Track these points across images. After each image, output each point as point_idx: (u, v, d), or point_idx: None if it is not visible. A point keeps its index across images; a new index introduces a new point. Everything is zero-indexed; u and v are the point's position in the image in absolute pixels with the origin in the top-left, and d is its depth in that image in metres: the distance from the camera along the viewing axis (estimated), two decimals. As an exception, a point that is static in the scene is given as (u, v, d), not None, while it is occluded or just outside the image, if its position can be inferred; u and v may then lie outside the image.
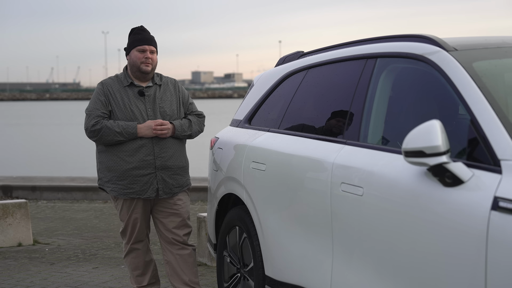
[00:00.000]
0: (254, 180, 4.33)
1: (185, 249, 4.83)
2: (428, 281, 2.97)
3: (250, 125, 4.75)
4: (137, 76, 4.77)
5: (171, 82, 4.88)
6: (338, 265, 3.56)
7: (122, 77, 4.79)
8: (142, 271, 4.89)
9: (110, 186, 4.73)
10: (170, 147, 4.71)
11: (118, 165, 4.65)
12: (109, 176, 4.71)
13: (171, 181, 4.73)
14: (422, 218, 3.00)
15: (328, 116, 4.02)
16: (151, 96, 4.74)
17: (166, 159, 4.68)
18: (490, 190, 2.74)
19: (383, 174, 3.26)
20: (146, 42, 4.75)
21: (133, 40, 4.77)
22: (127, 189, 4.67)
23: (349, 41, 4.21)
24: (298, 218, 3.91)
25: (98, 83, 4.84)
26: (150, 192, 4.68)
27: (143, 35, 4.77)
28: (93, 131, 4.64)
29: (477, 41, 3.55)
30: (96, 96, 4.73)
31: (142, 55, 4.71)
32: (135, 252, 4.88)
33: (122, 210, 4.78)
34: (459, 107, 3.15)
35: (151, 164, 4.65)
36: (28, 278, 5.94)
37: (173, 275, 4.82)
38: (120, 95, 4.71)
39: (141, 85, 4.76)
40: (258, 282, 4.29)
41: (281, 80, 4.62)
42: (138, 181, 4.65)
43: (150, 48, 4.75)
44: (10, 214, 7.25)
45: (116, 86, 4.74)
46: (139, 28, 4.81)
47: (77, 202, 10.58)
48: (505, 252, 2.62)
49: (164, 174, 4.69)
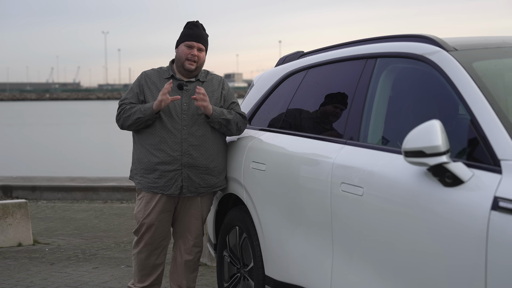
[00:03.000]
0: (254, 180, 4.34)
1: (192, 255, 4.68)
2: (428, 281, 2.97)
3: (250, 125, 4.75)
4: (181, 72, 4.59)
5: (216, 79, 4.69)
6: (338, 265, 3.56)
7: (165, 69, 4.63)
8: (149, 271, 4.68)
9: (138, 179, 4.58)
10: (202, 146, 4.50)
11: (146, 158, 4.50)
12: (138, 168, 4.56)
13: (198, 180, 4.51)
14: (422, 218, 3.00)
15: (328, 116, 4.02)
16: (189, 91, 4.53)
17: (194, 157, 4.47)
18: (490, 190, 2.74)
19: (383, 174, 3.26)
20: (195, 38, 4.55)
21: (183, 34, 4.59)
22: (152, 183, 4.50)
23: (349, 41, 4.21)
24: (298, 218, 3.91)
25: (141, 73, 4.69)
26: (174, 189, 4.48)
27: (194, 31, 4.57)
28: (119, 117, 4.55)
29: (477, 41, 3.56)
30: (132, 87, 4.62)
31: (189, 51, 4.52)
32: (145, 253, 4.62)
33: (140, 206, 4.58)
34: (459, 107, 3.15)
35: (178, 160, 4.46)
36: (28, 278, 5.94)
37: (174, 273, 4.75)
38: (157, 87, 4.54)
39: (182, 79, 4.58)
40: (258, 282, 4.29)
41: (281, 80, 4.63)
42: (164, 176, 4.47)
43: (198, 46, 4.55)
44: (10, 214, 7.25)
45: (156, 78, 4.58)
46: (192, 23, 4.62)
47: (77, 202, 10.58)
48: (505, 252, 2.63)
49: (191, 172, 4.48)
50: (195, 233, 4.67)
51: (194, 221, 4.65)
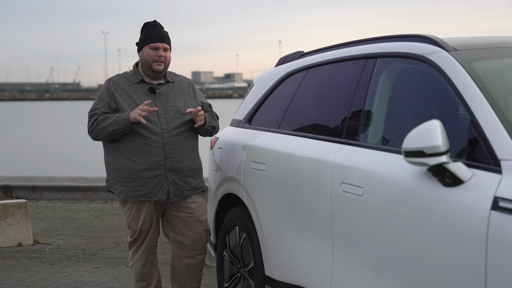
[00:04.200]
0: (254, 180, 4.33)
1: (195, 258, 4.60)
2: (428, 281, 2.97)
3: (250, 125, 4.74)
4: (149, 74, 4.51)
5: (185, 80, 4.65)
6: (338, 265, 3.56)
7: (131, 74, 4.54)
8: (148, 282, 4.58)
9: (118, 188, 4.46)
10: (182, 148, 4.45)
11: (126, 166, 4.39)
12: (117, 177, 4.44)
13: (183, 184, 4.46)
14: (422, 218, 3.00)
15: (328, 116, 4.02)
16: (162, 94, 4.49)
17: (177, 160, 4.42)
18: (490, 190, 2.74)
19: (383, 174, 3.26)
20: (159, 39, 4.47)
21: (145, 36, 4.49)
22: (136, 192, 4.40)
23: (349, 41, 4.21)
24: (298, 218, 3.91)
25: (105, 80, 4.56)
26: (161, 195, 4.41)
27: (156, 32, 4.49)
28: (92, 129, 4.43)
29: (477, 41, 3.56)
30: (100, 96, 4.48)
31: (155, 53, 4.45)
32: (142, 261, 4.55)
33: (131, 215, 4.48)
34: (459, 107, 3.15)
35: (162, 166, 4.38)
36: (28, 278, 5.94)
37: (174, 278, 4.68)
38: (127, 93, 4.45)
39: (152, 82, 4.51)
40: (258, 282, 4.29)
41: (281, 80, 4.62)
42: (148, 183, 4.38)
43: (164, 46, 4.48)
44: (10, 214, 7.25)
45: (124, 84, 4.48)
46: (152, 24, 4.53)
47: (77, 202, 10.58)
48: (505, 252, 2.63)
49: (175, 176, 4.43)
50: (192, 237, 4.56)
51: (189, 224, 4.55)
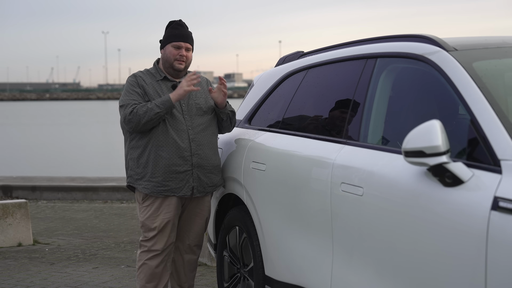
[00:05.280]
0: (254, 180, 4.34)
1: (195, 254, 4.70)
2: (428, 281, 2.97)
3: (250, 125, 4.75)
4: (169, 72, 4.53)
5: (203, 79, 4.67)
6: (338, 265, 3.56)
7: (153, 71, 4.55)
8: (158, 282, 4.49)
9: (142, 184, 4.42)
10: (206, 144, 4.48)
11: (153, 161, 4.37)
12: (142, 173, 4.42)
13: (206, 180, 4.49)
14: (422, 218, 3.00)
15: (328, 116, 4.02)
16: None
17: (202, 156, 4.45)
18: (490, 190, 2.74)
19: (383, 174, 3.26)
20: (182, 38, 4.49)
21: (169, 34, 4.51)
22: (162, 187, 4.38)
23: (349, 41, 4.21)
24: (298, 218, 3.91)
25: (129, 76, 4.53)
26: (186, 190, 4.42)
27: (180, 31, 4.51)
28: (132, 116, 4.33)
29: (477, 41, 3.56)
30: (131, 88, 4.45)
31: (177, 52, 4.47)
32: (157, 260, 4.46)
33: (149, 212, 4.43)
34: (459, 107, 3.15)
35: (188, 161, 4.40)
36: (28, 278, 5.94)
37: (174, 274, 4.72)
38: (154, 88, 4.46)
39: (174, 80, 4.53)
40: (258, 282, 4.29)
41: (281, 80, 4.63)
42: (174, 178, 4.38)
43: (186, 46, 4.50)
44: (10, 214, 7.25)
45: (148, 79, 4.49)
46: (177, 23, 4.55)
47: (77, 202, 10.59)
48: (505, 252, 2.63)
49: (200, 172, 4.45)
50: (197, 233, 4.66)
51: (198, 220, 4.63)
